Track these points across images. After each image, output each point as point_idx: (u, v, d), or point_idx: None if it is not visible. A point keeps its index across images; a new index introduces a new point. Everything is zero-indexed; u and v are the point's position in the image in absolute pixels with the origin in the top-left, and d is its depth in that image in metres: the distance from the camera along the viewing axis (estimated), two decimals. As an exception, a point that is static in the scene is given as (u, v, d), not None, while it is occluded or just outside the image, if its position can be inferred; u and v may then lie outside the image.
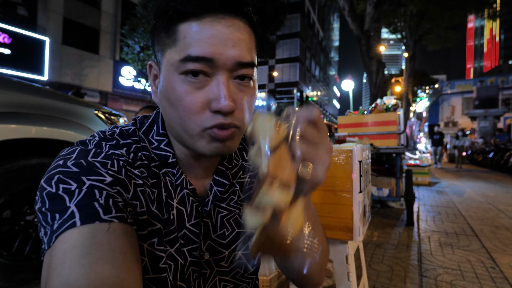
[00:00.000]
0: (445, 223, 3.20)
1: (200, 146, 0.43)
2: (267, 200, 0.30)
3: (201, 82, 0.40)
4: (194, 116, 0.41)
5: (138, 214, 0.42)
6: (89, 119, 1.80)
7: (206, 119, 0.41)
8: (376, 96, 9.42)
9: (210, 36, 0.39)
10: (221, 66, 0.40)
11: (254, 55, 0.44)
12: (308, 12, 35.96)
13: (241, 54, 0.40)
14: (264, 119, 0.31)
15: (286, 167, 0.30)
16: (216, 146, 0.43)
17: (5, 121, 1.40)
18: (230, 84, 0.41)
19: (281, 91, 32.86)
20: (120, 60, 13.91)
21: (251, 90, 0.45)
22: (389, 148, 2.99)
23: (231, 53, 0.40)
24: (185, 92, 0.40)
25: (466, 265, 2.07)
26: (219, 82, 0.40)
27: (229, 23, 0.40)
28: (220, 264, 0.51)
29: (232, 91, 0.42)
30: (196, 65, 0.39)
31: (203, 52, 0.39)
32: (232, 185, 0.54)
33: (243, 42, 0.41)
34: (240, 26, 0.41)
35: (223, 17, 0.40)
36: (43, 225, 0.36)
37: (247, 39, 0.42)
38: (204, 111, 0.41)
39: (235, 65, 0.40)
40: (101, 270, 0.30)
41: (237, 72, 0.42)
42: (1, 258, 1.45)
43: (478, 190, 5.45)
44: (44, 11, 11.26)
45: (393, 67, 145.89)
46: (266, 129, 0.30)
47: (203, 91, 0.41)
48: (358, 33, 9.37)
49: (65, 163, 0.38)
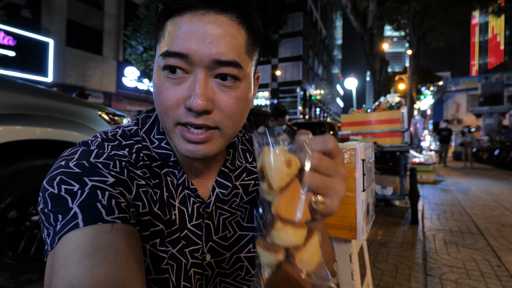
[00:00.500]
0: (450, 221, 3.17)
1: (175, 143, 0.43)
2: (280, 240, 0.28)
3: (179, 79, 0.40)
4: (169, 111, 0.40)
5: (140, 214, 0.42)
6: (93, 120, 1.82)
7: (179, 115, 0.40)
8: (379, 94, 9.35)
9: (187, 31, 0.38)
10: (197, 63, 0.39)
11: (241, 53, 0.41)
12: (311, 11, 35.80)
13: (219, 51, 0.38)
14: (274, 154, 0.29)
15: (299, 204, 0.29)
16: (187, 148, 0.41)
17: (10, 123, 1.42)
18: (209, 83, 0.40)
19: (284, 90, 32.79)
20: (124, 61, 13.99)
21: (235, 92, 0.42)
22: (393, 146, 2.97)
23: (208, 49, 0.38)
24: (163, 87, 0.40)
25: (472, 264, 2.05)
26: (195, 79, 0.39)
27: (211, 19, 0.39)
28: (221, 265, 0.51)
29: (210, 90, 0.40)
30: (172, 60, 0.39)
31: (179, 47, 0.38)
32: (235, 187, 0.54)
33: (224, 39, 0.39)
34: (224, 22, 0.39)
35: (205, 13, 0.39)
36: (46, 226, 0.36)
37: (231, 36, 0.40)
38: (179, 107, 0.40)
39: (212, 62, 0.39)
40: (104, 272, 0.30)
41: (216, 71, 0.40)
42: (7, 259, 1.46)
43: (483, 188, 5.39)
44: (48, 13, 11.36)
45: (397, 65, 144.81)
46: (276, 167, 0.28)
47: (181, 87, 0.40)
48: (361, 31, 9.31)
49: (67, 164, 0.38)
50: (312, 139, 0.31)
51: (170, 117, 0.41)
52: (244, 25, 0.42)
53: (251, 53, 0.44)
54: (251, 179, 0.56)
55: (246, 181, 0.56)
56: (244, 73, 0.42)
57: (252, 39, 0.43)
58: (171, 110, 0.40)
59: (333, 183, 0.31)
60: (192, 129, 0.40)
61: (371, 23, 9.20)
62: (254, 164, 0.58)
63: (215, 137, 0.42)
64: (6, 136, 1.39)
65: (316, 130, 7.91)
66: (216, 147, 0.43)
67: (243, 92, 0.43)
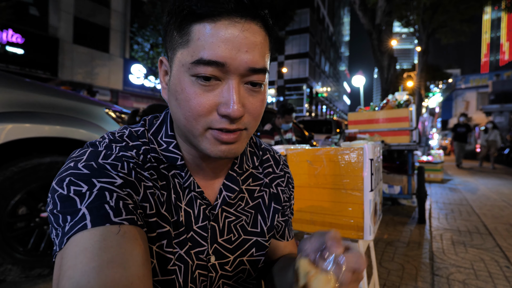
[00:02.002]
0: (458, 221, 3.12)
1: (205, 147, 0.43)
2: None
3: (211, 86, 0.40)
4: (201, 117, 0.40)
5: (148, 216, 0.42)
6: (100, 117, 1.83)
7: (212, 121, 0.41)
8: (387, 92, 9.23)
9: (224, 39, 0.37)
10: (233, 71, 0.39)
11: (267, 60, 0.42)
12: (318, 7, 35.42)
13: (254, 59, 0.39)
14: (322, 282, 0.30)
15: None
16: (220, 149, 0.42)
17: (20, 120, 1.44)
18: (241, 89, 0.41)
19: (291, 87, 32.62)
20: (130, 58, 14.08)
21: (261, 95, 0.44)
22: (400, 145, 2.93)
23: (244, 58, 0.39)
24: (194, 94, 0.39)
25: (480, 264, 2.02)
26: (230, 87, 0.39)
27: (245, 27, 0.39)
28: (224, 268, 0.52)
29: (242, 96, 0.41)
30: (207, 68, 0.38)
31: (216, 56, 0.37)
32: (241, 191, 0.54)
33: (257, 47, 0.40)
34: (255, 30, 0.40)
35: (239, 20, 0.38)
36: (54, 227, 0.36)
37: (261, 44, 0.41)
38: (212, 113, 0.40)
39: (247, 70, 0.39)
40: (112, 274, 0.31)
41: (248, 78, 0.41)
42: (18, 254, 1.49)
43: (492, 187, 5.29)
44: (55, 10, 11.47)
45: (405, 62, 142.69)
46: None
47: (213, 94, 0.40)
48: (369, 27, 9.18)
49: (76, 165, 0.39)
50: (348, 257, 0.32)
51: (201, 123, 0.41)
52: (266, 32, 0.42)
53: (270, 57, 0.45)
54: (257, 185, 0.57)
55: (251, 187, 0.56)
56: (266, 78, 0.44)
57: (271, 45, 0.45)
58: (202, 117, 0.40)
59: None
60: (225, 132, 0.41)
61: (379, 19, 9.06)
62: (260, 170, 0.59)
63: (243, 137, 0.44)
64: (15, 133, 1.41)
65: (322, 127, 7.86)
66: (243, 146, 0.45)
67: (265, 95, 0.45)
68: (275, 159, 0.63)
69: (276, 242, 0.62)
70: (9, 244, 1.47)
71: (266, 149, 0.63)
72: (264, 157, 0.61)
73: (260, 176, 0.58)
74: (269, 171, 0.60)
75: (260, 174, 0.58)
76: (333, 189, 1.06)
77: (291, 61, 32.44)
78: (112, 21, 13.80)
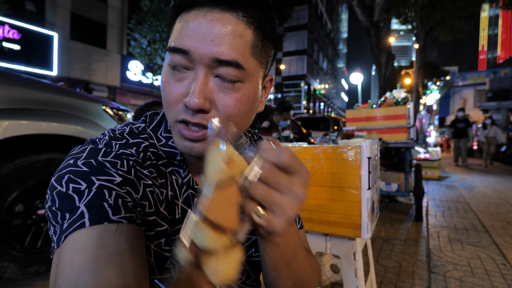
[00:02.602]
0: (454, 218, 3.15)
1: (174, 139, 0.43)
2: (196, 239, 0.26)
3: (181, 74, 0.40)
4: (170, 107, 0.41)
5: (146, 214, 0.42)
6: (97, 114, 1.82)
7: (178, 112, 0.41)
8: (385, 89, 9.25)
9: (191, 28, 0.38)
10: (198, 60, 0.38)
11: (245, 54, 0.39)
12: (316, 4, 35.28)
13: (220, 50, 0.37)
14: (217, 148, 0.28)
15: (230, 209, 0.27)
16: (184, 144, 0.42)
17: (16, 117, 1.43)
18: (209, 82, 0.39)
19: (288, 84, 32.58)
20: (128, 55, 13.97)
21: (237, 94, 0.40)
22: (398, 142, 2.94)
23: (209, 48, 0.37)
24: (167, 83, 0.41)
25: (476, 262, 2.04)
26: (195, 77, 0.39)
27: (215, 17, 0.38)
28: None
29: (210, 89, 0.39)
30: (175, 56, 0.39)
31: (181, 44, 0.38)
32: None
33: (227, 38, 0.38)
34: (229, 21, 0.38)
35: (210, 10, 0.38)
36: (52, 224, 0.36)
37: (234, 35, 0.38)
38: (179, 103, 0.41)
39: (212, 61, 0.38)
40: (109, 274, 0.30)
41: (216, 70, 0.39)
42: (15, 251, 1.49)
43: (489, 185, 5.34)
44: (52, 6, 11.34)
45: (403, 59, 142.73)
46: (214, 160, 0.27)
47: (182, 83, 0.40)
48: (367, 24, 9.16)
49: (75, 163, 0.38)
50: (270, 149, 0.29)
51: (171, 113, 0.42)
52: (252, 24, 0.40)
53: (258, 54, 0.42)
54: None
55: None
56: (246, 75, 0.40)
57: (261, 40, 0.42)
58: (172, 106, 0.41)
59: (281, 200, 0.28)
60: (190, 126, 0.41)
61: (377, 16, 9.04)
62: None
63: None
64: (12, 130, 1.40)
65: (320, 124, 7.87)
66: None
67: (245, 94, 0.41)
68: None
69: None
70: (6, 242, 1.47)
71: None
72: None
73: None
74: None
75: None
76: (330, 187, 1.06)
77: (289, 58, 32.36)
78: (109, 17, 13.66)
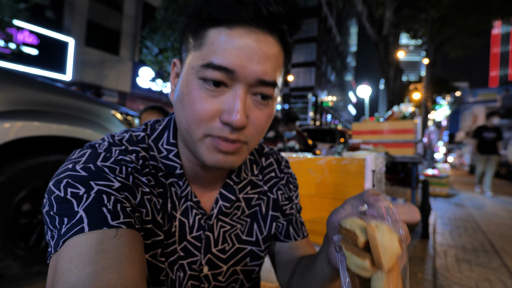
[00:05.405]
0: (463, 237, 3.06)
1: (201, 153, 0.42)
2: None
3: (218, 91, 0.39)
4: (202, 123, 0.40)
5: (144, 222, 0.42)
6: (106, 118, 1.86)
7: (212, 128, 0.40)
8: (393, 103, 9.20)
9: (237, 47, 0.37)
10: (242, 79, 0.38)
11: (278, 75, 0.42)
12: (326, 17, 35.72)
13: (265, 71, 0.39)
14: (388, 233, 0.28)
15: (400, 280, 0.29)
16: (217, 158, 0.41)
17: (30, 119, 1.47)
18: (247, 100, 0.40)
19: (296, 95, 32.70)
20: (139, 62, 14.31)
21: (268, 109, 0.43)
22: (405, 157, 2.91)
23: (255, 68, 0.38)
24: (199, 98, 0.39)
25: (485, 284, 1.96)
26: (236, 94, 0.39)
27: (260, 38, 0.38)
28: (217, 278, 0.50)
29: (248, 106, 0.40)
30: (216, 73, 0.38)
31: (226, 62, 0.37)
32: (238, 200, 0.53)
33: (270, 60, 0.39)
34: (271, 43, 0.40)
35: (255, 30, 0.38)
36: (50, 228, 0.36)
37: (275, 57, 0.40)
38: (214, 120, 0.40)
39: (256, 81, 0.39)
40: (107, 279, 0.30)
41: (256, 89, 0.40)
42: (19, 250, 1.51)
43: (500, 204, 5.18)
44: (70, 13, 11.78)
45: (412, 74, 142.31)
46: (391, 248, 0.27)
47: (218, 100, 0.39)
48: (376, 39, 9.22)
49: (74, 167, 0.38)
50: (400, 209, 0.31)
51: (202, 128, 0.40)
52: (283, 47, 0.42)
53: (281, 73, 0.44)
54: (255, 192, 0.55)
55: (249, 195, 0.55)
56: (276, 93, 0.43)
57: (286, 61, 0.44)
58: (204, 122, 0.39)
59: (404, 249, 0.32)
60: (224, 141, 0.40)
61: (387, 31, 9.09)
62: (260, 177, 0.57)
63: (243, 150, 0.43)
64: (25, 131, 1.44)
65: (326, 137, 7.84)
66: (242, 159, 0.44)
67: (272, 110, 0.44)
68: (278, 161, 0.61)
69: (283, 244, 0.58)
70: (11, 240, 1.49)
71: (270, 154, 0.61)
72: (267, 162, 0.59)
73: (260, 183, 0.57)
74: (271, 176, 0.58)
75: (260, 181, 0.57)
76: (334, 199, 1.05)
77: (297, 70, 32.60)
78: (123, 25, 14.09)
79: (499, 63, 78.18)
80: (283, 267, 0.58)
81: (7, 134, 1.37)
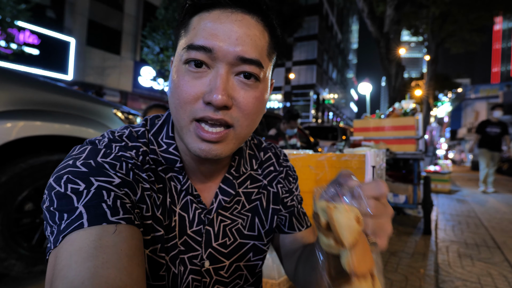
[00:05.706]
0: (465, 233, 3.06)
1: (188, 141, 0.42)
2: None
3: (200, 73, 0.40)
4: (187, 105, 0.40)
5: (144, 218, 0.42)
6: (108, 117, 1.87)
7: (196, 110, 0.40)
8: (394, 100, 9.17)
9: (214, 28, 0.39)
10: (221, 58, 0.39)
11: (263, 54, 0.42)
12: (327, 14, 35.57)
13: (244, 49, 0.39)
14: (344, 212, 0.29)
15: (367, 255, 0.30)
16: (200, 147, 0.41)
17: (31, 118, 1.48)
18: (230, 79, 0.40)
19: (298, 93, 32.65)
20: (140, 61, 14.32)
21: (255, 91, 0.42)
22: (406, 153, 2.90)
23: (233, 46, 0.39)
24: (183, 81, 0.40)
25: (487, 279, 1.97)
26: (217, 74, 0.39)
27: (238, 18, 0.40)
28: (219, 273, 0.50)
29: (231, 86, 0.40)
30: (197, 54, 0.39)
31: (204, 41, 0.39)
32: (237, 194, 0.53)
33: (249, 38, 0.40)
34: (250, 23, 0.41)
35: (233, 11, 0.40)
36: (49, 224, 0.36)
37: (255, 36, 0.41)
38: (197, 101, 0.40)
39: (236, 59, 0.39)
40: (106, 275, 0.30)
41: (239, 68, 0.40)
42: (22, 249, 1.52)
43: (502, 200, 5.17)
44: (71, 13, 11.79)
45: (413, 70, 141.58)
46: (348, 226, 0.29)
47: (201, 81, 0.40)
48: (377, 36, 9.18)
49: (74, 163, 0.38)
50: (365, 185, 0.32)
51: (187, 112, 0.40)
52: (267, 28, 0.43)
53: (270, 57, 0.45)
54: (255, 187, 0.56)
55: (249, 189, 0.55)
56: (263, 74, 0.43)
57: (272, 43, 0.45)
58: (188, 104, 0.40)
59: (383, 223, 0.32)
60: (207, 128, 0.40)
61: (387, 27, 9.05)
62: (259, 172, 0.57)
63: (229, 137, 0.42)
64: (27, 131, 1.44)
65: (328, 134, 7.83)
66: (229, 148, 0.43)
67: (261, 93, 0.44)
68: (276, 155, 0.61)
69: (288, 236, 0.58)
70: (14, 240, 1.50)
71: (268, 148, 0.62)
72: (265, 156, 0.60)
73: (259, 177, 0.57)
74: (270, 170, 0.59)
75: (259, 176, 0.57)
76: (334, 195, 1.05)
77: (298, 67, 32.52)
78: (124, 24, 14.10)
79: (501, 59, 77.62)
80: (289, 258, 0.58)
81: (9, 134, 1.38)
